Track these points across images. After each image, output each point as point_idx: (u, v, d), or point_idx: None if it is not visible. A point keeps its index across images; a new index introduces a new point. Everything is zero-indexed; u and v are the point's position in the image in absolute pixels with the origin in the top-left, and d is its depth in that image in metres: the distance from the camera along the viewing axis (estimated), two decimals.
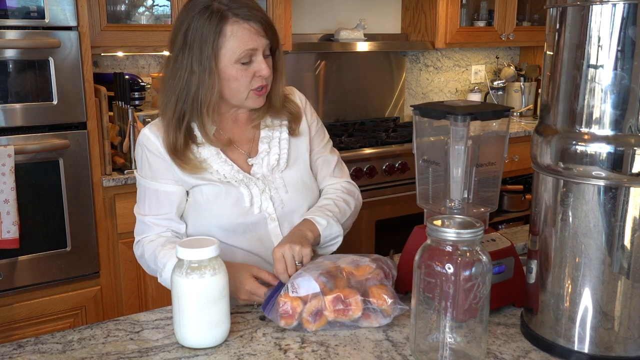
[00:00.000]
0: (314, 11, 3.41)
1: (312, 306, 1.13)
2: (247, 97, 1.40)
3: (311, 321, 1.14)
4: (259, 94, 1.40)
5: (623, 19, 0.92)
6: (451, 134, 1.18)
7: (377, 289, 1.15)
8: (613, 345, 1.00)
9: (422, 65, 3.89)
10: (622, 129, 0.95)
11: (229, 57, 1.35)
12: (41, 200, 2.24)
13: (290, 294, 1.15)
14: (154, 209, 1.44)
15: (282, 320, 1.14)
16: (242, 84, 1.37)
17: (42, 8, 2.15)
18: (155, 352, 1.08)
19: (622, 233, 0.97)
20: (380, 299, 1.14)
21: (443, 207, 1.23)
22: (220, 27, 1.33)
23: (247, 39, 1.34)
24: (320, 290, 1.14)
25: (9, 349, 1.09)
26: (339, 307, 1.13)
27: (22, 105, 2.17)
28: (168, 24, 2.67)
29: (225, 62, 1.36)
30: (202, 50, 1.34)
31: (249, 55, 1.35)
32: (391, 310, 1.14)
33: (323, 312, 1.14)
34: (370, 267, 1.20)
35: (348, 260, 1.23)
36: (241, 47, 1.34)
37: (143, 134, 1.44)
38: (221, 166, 1.42)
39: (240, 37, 1.34)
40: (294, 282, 1.16)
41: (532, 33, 3.85)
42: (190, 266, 1.06)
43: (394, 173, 2.98)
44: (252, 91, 1.39)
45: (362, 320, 1.14)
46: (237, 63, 1.35)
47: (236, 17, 1.34)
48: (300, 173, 1.50)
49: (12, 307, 2.25)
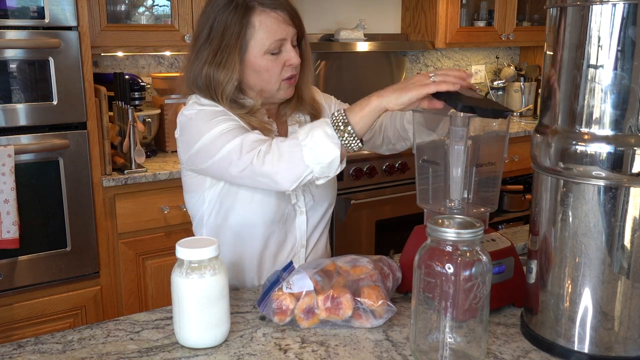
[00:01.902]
0: (314, 11, 3.41)
1: (304, 303, 1.13)
2: (279, 88, 1.39)
3: (303, 318, 1.14)
4: (289, 82, 1.39)
5: (623, 19, 0.92)
6: (451, 134, 1.18)
7: (369, 289, 1.15)
8: (613, 345, 1.00)
9: (422, 65, 3.89)
10: (622, 129, 0.95)
11: (258, 48, 1.34)
12: (41, 200, 2.24)
13: (284, 289, 1.15)
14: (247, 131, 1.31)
15: (276, 317, 1.14)
16: (273, 74, 1.36)
17: (42, 8, 2.15)
18: (155, 352, 1.08)
19: (622, 233, 0.97)
20: (371, 299, 1.13)
21: (443, 207, 1.23)
22: (248, 19, 1.32)
23: (276, 28, 1.33)
24: (313, 289, 1.14)
25: (9, 349, 1.09)
26: (329, 305, 1.13)
27: (22, 105, 2.17)
28: (168, 24, 2.68)
29: (255, 54, 1.34)
30: (225, 42, 1.31)
31: (278, 46, 1.34)
32: (383, 312, 1.13)
33: (314, 310, 1.14)
34: (367, 268, 1.20)
35: (347, 259, 1.23)
36: (271, 38, 1.33)
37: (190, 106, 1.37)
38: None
39: (269, 27, 1.33)
40: (289, 279, 1.16)
41: (532, 33, 3.85)
42: (190, 266, 1.06)
43: (394, 173, 2.98)
44: (283, 81, 1.38)
45: (354, 320, 1.14)
46: (267, 54, 1.34)
47: (262, 6, 1.33)
48: None
49: (12, 307, 2.25)
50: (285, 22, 1.34)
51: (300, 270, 1.18)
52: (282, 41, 1.34)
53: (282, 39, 1.34)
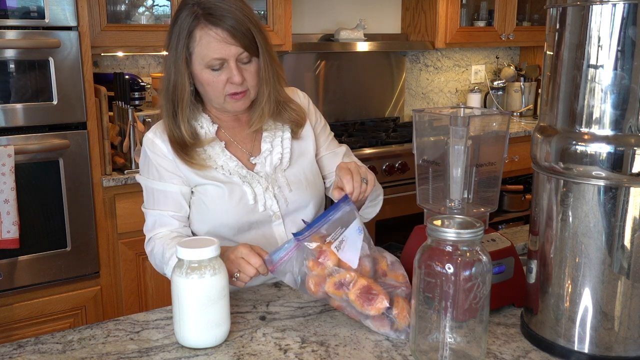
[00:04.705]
0: (314, 11, 3.41)
1: (342, 276, 1.10)
2: (224, 101, 1.39)
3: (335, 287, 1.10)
4: (235, 98, 1.38)
5: (623, 19, 0.92)
6: (451, 134, 1.18)
7: (404, 302, 1.11)
8: (613, 345, 1.00)
9: (422, 65, 3.89)
10: (622, 129, 0.95)
11: (199, 62, 1.35)
12: (41, 200, 2.24)
13: (333, 247, 1.11)
14: (162, 205, 1.44)
15: (309, 262, 1.11)
16: (216, 89, 1.37)
17: (42, 8, 2.15)
18: (155, 352, 1.08)
19: (622, 233, 0.97)
20: (402, 314, 1.10)
21: (443, 207, 1.23)
22: (191, 30, 1.33)
23: (214, 47, 1.32)
24: (355, 267, 1.11)
25: (9, 349, 1.09)
26: (361, 294, 1.09)
27: (22, 105, 2.17)
28: (168, 24, 2.67)
29: (197, 66, 1.36)
30: (178, 49, 1.35)
31: (218, 63, 1.33)
32: (402, 328, 1.10)
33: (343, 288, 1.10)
34: (404, 277, 1.17)
35: (391, 259, 1.21)
36: (209, 55, 1.33)
37: (147, 138, 1.45)
38: (226, 162, 1.43)
39: (207, 45, 1.32)
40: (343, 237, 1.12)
41: (532, 33, 3.85)
42: (190, 266, 1.06)
43: (394, 173, 2.98)
44: (227, 96, 1.38)
45: (371, 320, 1.12)
46: (208, 69, 1.34)
47: (206, 22, 1.31)
48: (303, 171, 1.50)
49: (12, 307, 2.25)
50: (224, 41, 1.31)
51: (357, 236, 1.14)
52: (221, 60, 1.33)
53: (219, 58, 1.32)
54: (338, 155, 1.58)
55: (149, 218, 1.46)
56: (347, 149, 1.63)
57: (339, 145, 1.62)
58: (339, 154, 1.59)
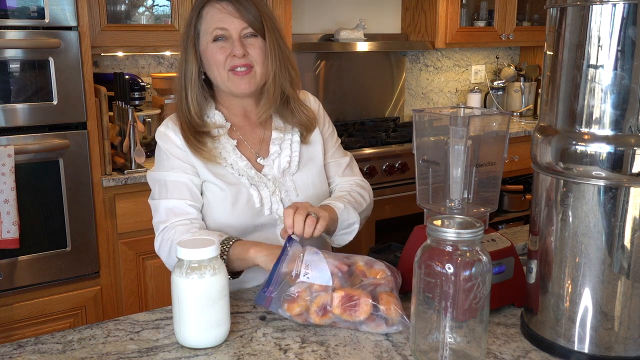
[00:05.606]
0: (314, 11, 3.41)
1: (321, 299, 1.11)
2: (227, 78, 1.41)
3: (318, 314, 1.11)
4: (237, 74, 1.41)
5: (623, 19, 0.92)
6: (451, 134, 1.18)
7: (388, 296, 1.12)
8: (613, 345, 1.00)
9: (422, 65, 3.89)
10: (622, 129, 0.95)
11: (205, 38, 1.40)
12: (41, 200, 2.24)
13: (302, 277, 1.11)
14: (177, 194, 1.41)
15: (285, 304, 1.12)
16: (219, 62, 1.40)
17: (42, 8, 2.15)
18: (155, 352, 1.08)
19: (622, 233, 0.97)
20: (389, 309, 1.11)
21: (443, 207, 1.23)
22: (200, 9, 1.41)
23: (218, 18, 1.39)
24: (332, 284, 1.12)
25: (9, 349, 1.09)
26: (345, 304, 1.10)
27: (22, 105, 2.17)
28: (168, 24, 2.67)
29: (203, 44, 1.41)
30: (188, 31, 1.42)
31: (221, 34, 1.39)
32: (397, 321, 1.12)
33: (327, 307, 1.12)
34: (384, 272, 1.18)
35: (365, 259, 1.22)
36: (212, 26, 1.39)
37: (159, 132, 1.47)
38: (236, 161, 1.43)
39: (212, 16, 1.39)
40: (307, 264, 1.12)
41: (532, 33, 3.85)
42: (190, 266, 1.06)
43: (394, 173, 2.98)
44: (230, 72, 1.40)
45: (366, 323, 1.12)
46: (213, 42, 1.40)
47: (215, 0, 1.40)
48: (311, 176, 1.50)
49: (12, 307, 2.25)
50: (228, 13, 1.38)
51: (317, 256, 1.15)
52: (223, 30, 1.39)
53: (222, 28, 1.39)
54: (341, 166, 1.58)
55: (160, 208, 1.41)
56: (351, 159, 1.62)
57: (344, 154, 1.61)
58: (342, 165, 1.59)
